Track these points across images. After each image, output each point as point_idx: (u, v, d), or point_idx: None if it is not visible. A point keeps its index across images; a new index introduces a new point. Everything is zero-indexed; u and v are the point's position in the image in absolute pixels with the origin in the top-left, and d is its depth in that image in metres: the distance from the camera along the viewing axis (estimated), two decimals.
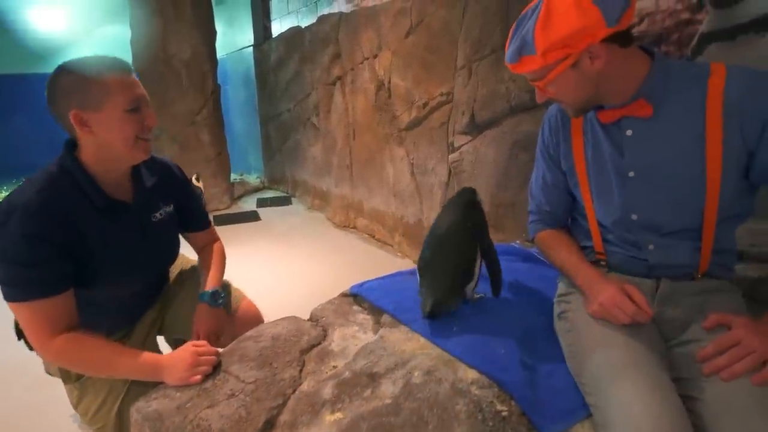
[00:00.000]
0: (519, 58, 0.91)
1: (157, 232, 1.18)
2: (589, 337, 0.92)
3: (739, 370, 0.76)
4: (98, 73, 0.96)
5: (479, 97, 2.02)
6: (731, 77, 0.84)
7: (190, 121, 4.38)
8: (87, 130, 0.98)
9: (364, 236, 3.78)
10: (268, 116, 5.33)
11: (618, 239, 1.01)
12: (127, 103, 0.98)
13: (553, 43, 0.84)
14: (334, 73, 3.90)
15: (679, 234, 0.93)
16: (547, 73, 0.89)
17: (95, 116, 0.97)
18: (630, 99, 0.91)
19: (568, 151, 1.05)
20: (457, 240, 1.17)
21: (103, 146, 1.01)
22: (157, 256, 1.23)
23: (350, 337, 1.20)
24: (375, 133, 3.47)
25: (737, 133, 0.83)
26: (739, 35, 1.36)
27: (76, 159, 1.02)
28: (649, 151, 0.92)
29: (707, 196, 0.88)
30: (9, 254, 0.91)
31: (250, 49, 5.49)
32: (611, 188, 0.98)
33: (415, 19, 2.81)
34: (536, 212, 1.18)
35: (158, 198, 1.19)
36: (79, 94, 0.95)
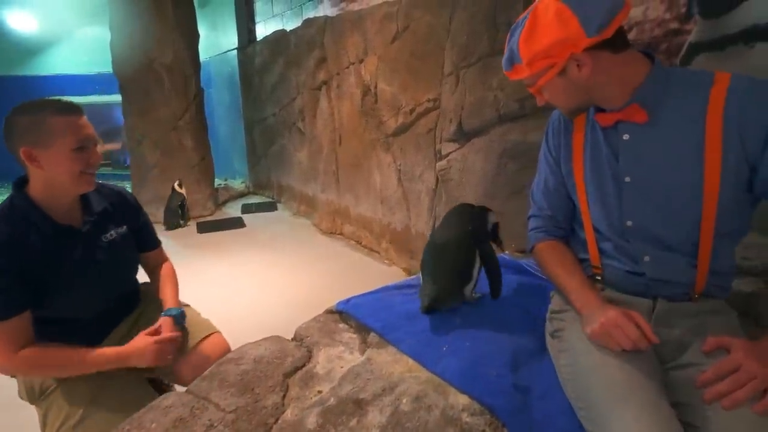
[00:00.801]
0: (511, 67, 0.96)
1: (109, 251, 1.24)
2: (586, 360, 0.88)
3: (741, 397, 0.74)
4: (49, 115, 1.06)
5: (467, 105, 1.99)
6: (734, 86, 0.82)
7: (173, 126, 4.29)
8: (36, 164, 1.07)
9: (351, 243, 3.73)
10: (253, 120, 5.25)
11: (614, 249, 0.98)
12: (74, 143, 1.08)
13: (536, 54, 0.87)
14: (320, 77, 3.85)
15: (675, 247, 0.91)
16: (537, 80, 0.92)
17: (44, 153, 1.06)
18: (625, 103, 0.90)
19: (568, 153, 1.04)
20: (457, 243, 1.24)
21: (51, 179, 1.10)
22: (113, 275, 1.27)
23: (336, 358, 1.15)
24: (361, 139, 3.43)
25: (738, 143, 0.81)
26: (728, 46, 1.36)
27: (25, 193, 1.12)
28: (645, 156, 0.90)
29: (704, 207, 0.85)
30: None
31: (235, 52, 5.40)
32: (608, 192, 0.96)
33: (401, 24, 2.77)
34: (538, 217, 1.14)
35: (108, 221, 1.27)
36: (31, 133, 1.05)
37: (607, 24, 0.81)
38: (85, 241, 1.19)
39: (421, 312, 1.23)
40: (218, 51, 5.87)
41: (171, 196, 4.13)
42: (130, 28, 4.06)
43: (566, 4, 0.83)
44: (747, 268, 1.24)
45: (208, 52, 5.65)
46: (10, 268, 1.04)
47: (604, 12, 0.81)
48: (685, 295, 0.94)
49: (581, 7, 0.82)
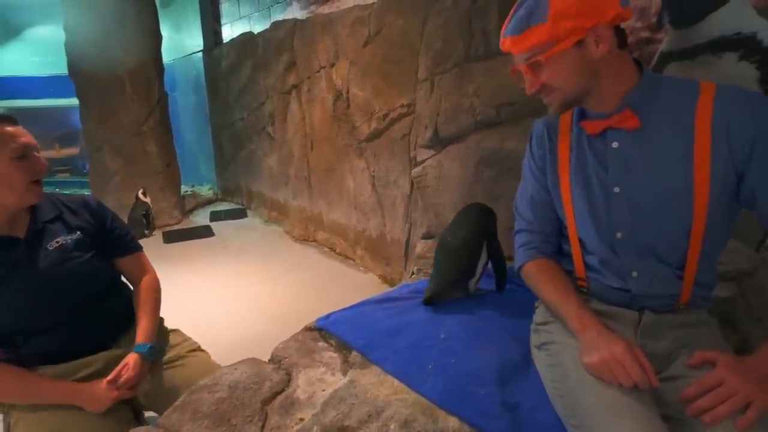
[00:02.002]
0: (524, 29, 0.85)
1: (53, 258, 1.17)
2: (578, 377, 0.86)
3: (722, 413, 0.74)
4: None
5: (442, 111, 1.97)
6: (720, 96, 0.82)
7: (135, 132, 4.10)
8: None
9: (324, 250, 3.66)
10: (220, 125, 5.10)
11: (600, 264, 0.97)
12: (11, 153, 1.05)
13: (568, 10, 0.80)
14: (290, 81, 3.77)
15: (663, 258, 0.90)
16: (551, 48, 0.83)
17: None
18: (616, 108, 0.88)
19: (553, 164, 1.01)
20: (466, 240, 1.36)
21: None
22: (60, 282, 1.18)
23: (317, 380, 1.10)
24: (334, 144, 3.37)
25: (726, 152, 0.81)
26: (698, 55, 1.39)
27: None
28: (635, 165, 0.88)
29: (694, 215, 0.85)
30: None
31: (200, 54, 5.24)
32: (596, 204, 0.93)
33: (373, 28, 2.74)
34: (525, 232, 1.09)
35: (58, 229, 1.22)
36: None
37: (629, 3, 0.82)
38: (26, 250, 1.15)
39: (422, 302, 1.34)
40: (182, 53, 5.67)
41: (134, 205, 3.95)
42: (86, 28, 3.86)
43: None
44: (722, 273, 1.26)
45: (172, 54, 5.46)
46: None
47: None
48: (670, 306, 0.94)
49: None
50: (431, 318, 1.30)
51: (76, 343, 1.20)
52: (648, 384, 0.79)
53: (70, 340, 1.19)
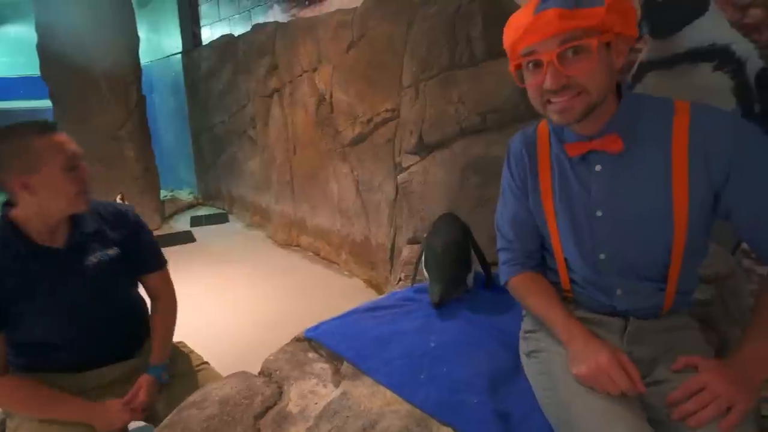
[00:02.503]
0: (578, 6, 0.76)
1: (90, 276, 1.15)
2: (567, 385, 0.88)
3: (706, 416, 0.76)
4: (29, 138, 1.00)
5: (427, 118, 1.99)
6: (695, 118, 0.82)
7: (112, 136, 4.01)
8: (30, 191, 1.02)
9: (308, 255, 3.64)
10: (200, 128, 5.02)
11: (584, 281, 0.98)
12: (63, 162, 1.03)
13: (619, 5, 0.76)
14: (271, 85, 3.73)
15: (646, 275, 0.92)
16: (594, 35, 0.76)
17: (35, 177, 1.01)
18: (599, 132, 0.87)
19: (535, 186, 1.00)
20: (457, 242, 1.45)
21: (46, 204, 1.05)
22: (98, 298, 1.18)
23: (309, 393, 1.09)
24: (317, 148, 3.35)
25: (703, 172, 0.82)
26: (676, 65, 1.43)
27: (5, 214, 1.08)
28: (617, 188, 0.89)
29: (675, 233, 0.87)
30: None
31: (179, 56, 5.15)
32: (580, 225, 0.94)
33: (356, 33, 2.73)
34: (508, 250, 1.10)
35: (97, 242, 1.18)
36: (17, 161, 1.00)
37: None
38: (64, 262, 1.12)
39: (433, 307, 1.37)
40: (160, 55, 5.57)
41: None
42: (60, 28, 3.74)
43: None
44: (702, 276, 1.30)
45: (150, 56, 5.35)
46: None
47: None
48: (653, 314, 0.96)
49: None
50: (421, 326, 1.31)
51: (96, 354, 1.19)
52: (635, 391, 0.81)
53: (91, 353, 1.18)
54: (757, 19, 1.29)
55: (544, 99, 0.84)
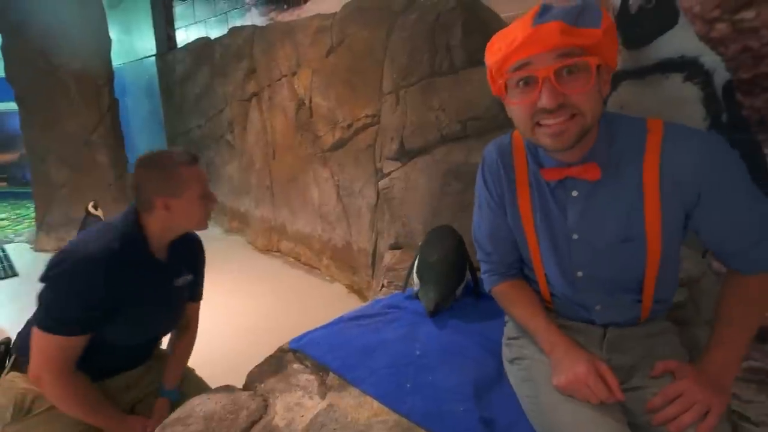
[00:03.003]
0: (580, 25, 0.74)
1: (175, 295, 1.28)
2: (550, 393, 0.90)
3: (686, 421, 0.79)
4: (180, 167, 1.14)
5: (408, 125, 2.00)
6: (668, 138, 0.82)
7: (84, 141, 3.89)
8: (168, 211, 1.14)
9: (289, 260, 3.61)
10: (176, 132, 4.92)
11: (564, 297, 1.00)
12: (200, 191, 1.17)
13: (610, 27, 0.75)
14: (250, 89, 3.69)
15: (622, 292, 0.94)
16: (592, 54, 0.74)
17: (176, 202, 1.14)
18: (580, 159, 0.86)
19: (513, 203, 0.99)
20: (454, 254, 1.47)
21: (175, 223, 1.18)
22: (168, 318, 1.32)
23: (295, 405, 1.08)
24: (297, 153, 3.33)
25: (675, 193, 0.83)
26: (648, 75, 1.48)
27: (141, 227, 1.16)
28: (592, 214, 0.89)
29: (648, 253, 0.88)
30: (68, 294, 1.05)
31: (153, 58, 5.03)
32: (559, 244, 0.95)
33: (336, 38, 2.73)
34: (488, 262, 1.11)
35: (184, 265, 1.29)
36: (165, 185, 1.13)
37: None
38: (164, 277, 1.23)
39: (428, 316, 1.38)
40: (133, 57, 5.44)
41: (85, 219, 3.72)
42: (26, 28, 3.62)
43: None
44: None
45: (122, 58, 5.22)
46: (111, 291, 1.07)
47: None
48: (631, 323, 0.98)
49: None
50: (405, 334, 1.31)
51: (124, 365, 1.27)
52: (613, 399, 0.83)
53: (125, 363, 1.27)
54: (722, 34, 1.35)
55: (534, 121, 0.79)
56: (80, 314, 1.06)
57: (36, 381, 1.09)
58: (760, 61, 1.30)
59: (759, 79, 1.31)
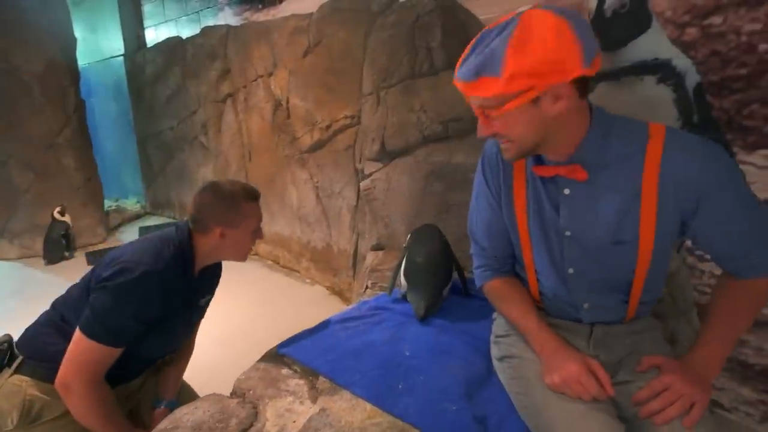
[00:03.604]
0: (478, 77, 0.78)
1: (197, 314, 1.35)
2: (541, 389, 0.91)
3: (671, 414, 0.82)
4: (243, 201, 1.19)
5: (389, 125, 2.00)
6: (669, 144, 0.83)
7: (48, 144, 3.73)
8: (223, 239, 1.18)
9: (267, 263, 3.56)
10: (147, 134, 4.78)
11: (553, 296, 1.02)
12: (255, 226, 1.23)
13: (523, 70, 0.74)
14: (224, 90, 3.63)
15: (611, 292, 0.96)
16: (504, 103, 0.78)
17: (232, 232, 1.19)
18: (567, 159, 0.88)
19: (509, 198, 1.00)
20: (440, 255, 1.46)
21: (223, 250, 1.22)
22: (186, 334, 1.37)
23: (286, 411, 1.07)
24: (274, 155, 3.29)
25: (672, 200, 0.84)
26: (623, 77, 1.53)
27: (192, 246, 1.20)
28: (585, 213, 0.90)
29: (639, 257, 0.90)
30: (126, 305, 1.06)
31: (120, 58, 4.87)
32: (551, 240, 0.97)
33: (313, 39, 2.71)
34: (481, 257, 1.12)
35: (208, 285, 1.33)
36: (227, 216, 1.18)
37: (596, 57, 0.76)
38: (194, 296, 1.27)
39: (418, 320, 1.37)
40: (99, 56, 5.25)
41: (51, 225, 3.58)
42: None
43: (568, 23, 0.73)
44: None
45: (87, 58, 5.03)
46: (160, 307, 1.10)
47: (595, 46, 0.75)
48: (618, 322, 1.00)
49: (582, 32, 0.73)
50: (393, 336, 1.31)
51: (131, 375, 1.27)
52: (605, 396, 0.85)
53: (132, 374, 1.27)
54: (693, 38, 1.40)
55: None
56: (132, 327, 1.08)
57: (63, 388, 1.07)
58: (728, 65, 1.36)
59: (727, 81, 1.37)
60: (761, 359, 1.45)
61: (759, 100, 1.33)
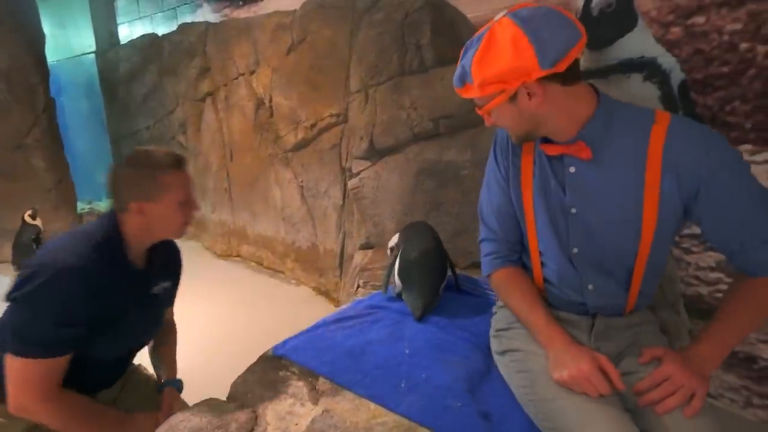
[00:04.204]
0: (462, 84, 0.93)
1: (154, 304, 1.22)
2: (548, 383, 0.91)
3: (671, 404, 0.84)
4: (160, 171, 1.05)
5: (378, 123, 1.99)
6: (674, 129, 0.86)
7: (17, 145, 3.57)
8: (141, 216, 1.06)
9: (251, 265, 3.50)
10: (121, 134, 4.64)
11: (558, 279, 1.03)
12: (182, 197, 1.09)
13: (487, 78, 0.86)
14: (203, 88, 3.55)
15: (612, 275, 0.98)
16: (486, 103, 0.91)
17: (152, 207, 1.06)
18: (572, 139, 0.91)
19: (516, 177, 1.03)
20: (435, 252, 1.45)
21: (151, 229, 1.10)
22: (148, 327, 1.25)
23: (287, 414, 1.04)
24: (256, 154, 3.24)
25: (675, 188, 0.86)
26: (611, 74, 1.56)
27: (120, 233, 1.08)
28: (590, 191, 0.93)
29: (641, 240, 0.92)
30: (44, 312, 0.95)
31: (92, 55, 4.71)
32: (557, 218, 0.98)
33: (296, 36, 2.68)
34: (492, 241, 1.12)
35: (162, 272, 1.22)
36: (140, 189, 1.04)
37: (562, 58, 0.81)
38: (144, 286, 1.16)
39: (416, 320, 1.35)
40: (69, 54, 5.06)
41: (21, 230, 3.42)
42: None
43: (523, 31, 0.81)
44: None
45: (56, 55, 4.84)
46: (90, 307, 0.99)
47: (560, 45, 0.81)
48: (618, 313, 1.02)
49: (538, 38, 0.81)
50: (391, 334, 1.30)
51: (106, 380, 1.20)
52: (613, 390, 0.86)
53: (108, 377, 1.20)
54: (677, 37, 1.44)
55: None
56: (61, 333, 0.97)
57: (20, 411, 0.99)
58: (710, 63, 1.41)
59: (710, 79, 1.41)
60: (744, 347, 1.50)
61: (740, 97, 1.38)
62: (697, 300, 1.53)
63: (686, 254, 1.55)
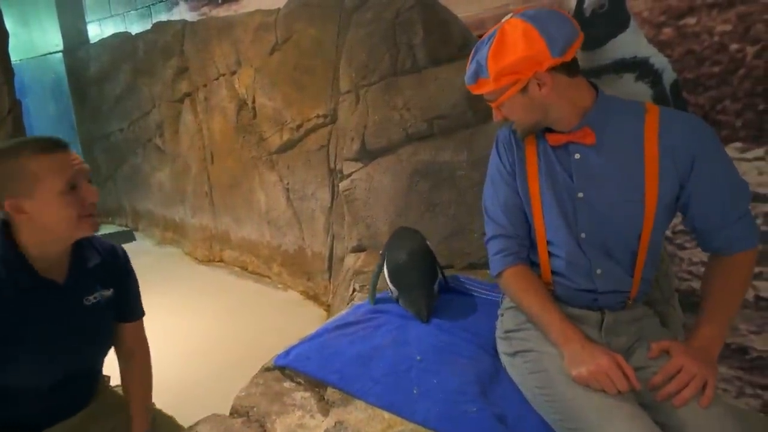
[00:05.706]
0: (476, 80, 1.00)
1: (88, 316, 1.03)
2: (565, 382, 0.92)
3: (687, 395, 0.86)
4: (27, 158, 0.88)
5: (370, 124, 1.96)
6: (664, 117, 0.95)
7: None
8: (24, 215, 0.90)
9: (235, 270, 3.41)
10: (93, 137, 4.45)
11: (566, 267, 1.04)
12: (60, 186, 0.89)
13: (503, 69, 0.93)
14: (181, 89, 3.43)
15: (618, 258, 1.02)
16: (500, 96, 0.98)
17: (29, 203, 0.89)
18: (576, 126, 0.98)
19: (522, 169, 1.08)
20: (424, 253, 1.45)
21: (42, 229, 0.93)
22: (84, 343, 1.05)
23: (297, 427, 1.01)
24: (239, 157, 3.15)
25: (672, 169, 0.94)
26: (603, 74, 1.57)
27: (9, 239, 0.93)
28: (595, 174, 0.99)
29: (644, 221, 0.98)
30: None
31: (59, 55, 4.50)
32: (565, 205, 1.02)
33: (281, 35, 2.62)
34: (500, 237, 1.12)
35: (96, 281, 1.05)
36: (10, 182, 0.88)
37: (568, 48, 0.91)
38: (63, 299, 0.99)
39: (423, 323, 1.35)
40: (33, 53, 4.82)
41: None
42: None
43: (533, 25, 0.90)
44: None
45: (20, 54, 4.60)
46: None
47: (566, 36, 0.91)
48: (622, 303, 1.05)
49: (546, 30, 0.90)
50: (395, 339, 1.28)
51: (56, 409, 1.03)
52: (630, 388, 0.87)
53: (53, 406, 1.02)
54: (668, 37, 1.47)
55: None
56: None
57: None
58: (702, 63, 1.44)
59: (701, 79, 1.45)
60: (736, 338, 1.55)
61: (730, 97, 1.42)
62: (691, 294, 1.57)
63: (680, 250, 1.58)
